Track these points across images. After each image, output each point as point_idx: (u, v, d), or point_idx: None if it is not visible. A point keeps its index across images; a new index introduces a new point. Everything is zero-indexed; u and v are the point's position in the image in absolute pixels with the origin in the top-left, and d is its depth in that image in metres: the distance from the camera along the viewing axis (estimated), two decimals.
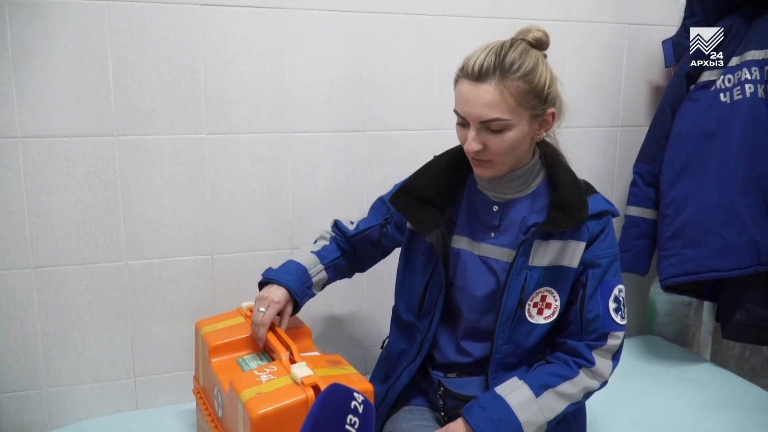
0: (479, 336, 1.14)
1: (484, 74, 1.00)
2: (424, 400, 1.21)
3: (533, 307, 1.09)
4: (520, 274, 1.08)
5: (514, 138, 1.03)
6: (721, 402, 1.47)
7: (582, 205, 1.06)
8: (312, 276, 1.23)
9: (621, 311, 1.11)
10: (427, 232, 1.11)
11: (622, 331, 1.11)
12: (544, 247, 1.08)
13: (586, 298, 1.09)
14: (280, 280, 1.19)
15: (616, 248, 1.13)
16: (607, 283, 1.10)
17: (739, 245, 1.54)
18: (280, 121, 1.47)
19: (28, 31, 1.26)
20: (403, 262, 1.22)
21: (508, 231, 1.12)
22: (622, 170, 1.82)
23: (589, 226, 1.09)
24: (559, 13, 1.67)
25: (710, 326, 1.85)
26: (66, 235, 1.35)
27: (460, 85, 1.04)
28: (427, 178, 1.16)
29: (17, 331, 1.36)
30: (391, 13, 1.51)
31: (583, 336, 1.10)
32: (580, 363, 1.09)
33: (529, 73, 1.01)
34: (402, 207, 1.16)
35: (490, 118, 1.01)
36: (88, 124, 1.33)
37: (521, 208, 1.12)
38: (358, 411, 0.92)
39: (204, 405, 1.22)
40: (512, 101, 1.01)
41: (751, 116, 1.54)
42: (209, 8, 1.37)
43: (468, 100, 1.02)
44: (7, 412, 1.38)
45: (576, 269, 1.09)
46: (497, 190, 1.13)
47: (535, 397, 1.05)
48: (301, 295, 1.20)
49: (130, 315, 1.43)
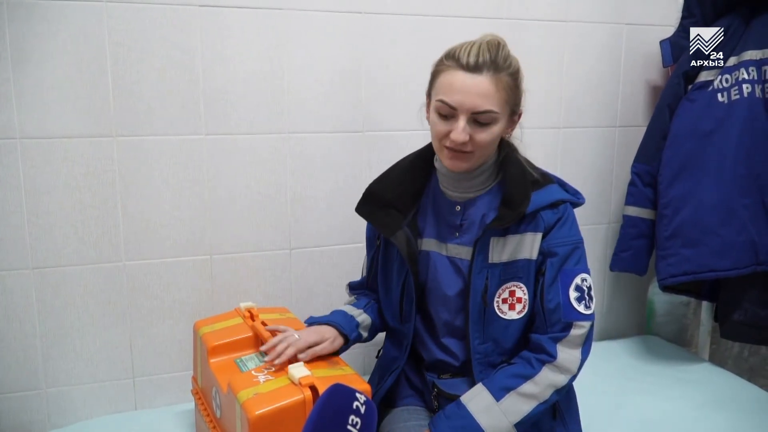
0: (457, 334, 1.16)
1: (481, 66, 1.01)
2: (420, 401, 1.22)
3: (503, 303, 1.09)
4: (481, 273, 1.09)
5: (497, 132, 1.05)
6: (719, 402, 1.47)
7: (524, 198, 1.06)
8: (356, 317, 1.21)
9: (585, 300, 1.08)
10: (391, 233, 1.13)
11: (588, 321, 1.08)
12: (502, 244, 1.08)
13: (546, 288, 1.08)
14: (322, 320, 1.18)
15: (577, 236, 1.11)
16: (566, 271, 1.08)
17: (737, 245, 1.54)
18: (278, 121, 1.47)
19: (27, 32, 1.27)
20: (381, 271, 1.23)
21: (470, 230, 1.13)
22: (621, 170, 1.82)
23: (544, 216, 1.08)
24: (558, 14, 1.67)
25: (709, 326, 1.85)
26: (65, 235, 1.35)
27: (450, 74, 1.03)
28: (387, 183, 1.18)
29: (16, 332, 1.36)
30: (389, 13, 1.51)
31: (548, 328, 1.08)
32: (542, 359, 1.07)
33: (516, 72, 1.06)
34: (366, 213, 1.18)
35: (483, 110, 1.02)
36: (87, 124, 1.33)
37: (481, 207, 1.13)
38: (359, 411, 0.93)
39: (202, 405, 1.22)
40: (503, 95, 1.03)
41: (749, 116, 1.54)
42: (208, 9, 1.37)
43: (463, 89, 1.01)
44: (6, 412, 1.38)
45: (536, 260, 1.09)
46: (460, 189, 1.14)
47: (496, 401, 1.04)
48: (349, 329, 1.17)
49: (129, 315, 1.43)
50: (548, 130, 1.72)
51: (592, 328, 1.10)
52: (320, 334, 1.14)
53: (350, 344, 1.19)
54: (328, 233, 1.56)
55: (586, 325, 1.08)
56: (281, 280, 1.54)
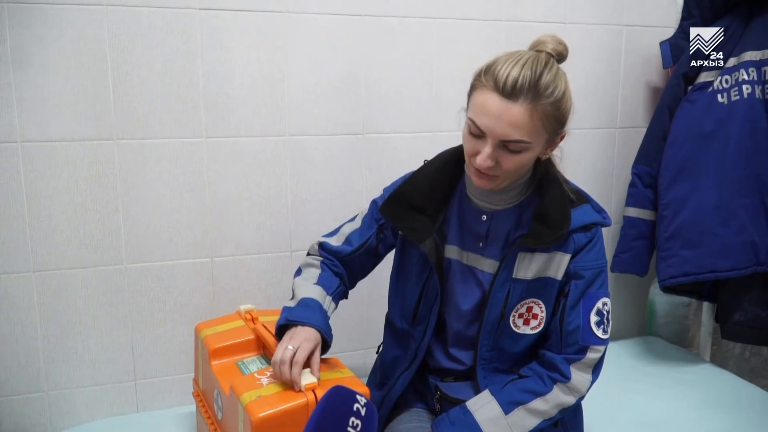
0: (467, 344, 1.14)
1: (518, 92, 0.93)
2: (422, 403, 1.22)
3: (519, 318, 1.08)
4: (503, 287, 1.06)
5: (528, 159, 1.01)
6: (720, 402, 1.47)
7: (564, 219, 1.03)
8: (327, 310, 1.13)
9: (603, 325, 1.07)
10: (420, 241, 1.08)
11: (603, 345, 1.07)
12: (528, 259, 1.06)
13: (567, 310, 1.06)
14: (307, 321, 1.07)
15: (604, 260, 1.10)
16: (590, 295, 1.07)
17: (737, 246, 1.54)
18: (278, 124, 1.47)
19: (28, 36, 1.27)
20: (396, 271, 1.20)
21: (495, 242, 1.10)
22: (621, 171, 1.82)
23: (576, 238, 1.06)
24: (557, 16, 1.67)
25: (709, 327, 1.85)
26: (66, 238, 1.36)
27: (484, 95, 0.96)
28: (417, 185, 1.12)
29: (18, 335, 1.36)
30: (388, 16, 1.51)
31: (563, 348, 1.07)
32: (555, 378, 1.06)
33: (560, 100, 0.97)
34: (392, 216, 1.12)
35: (513, 139, 0.96)
36: (88, 128, 1.34)
37: (509, 220, 1.10)
38: (360, 413, 0.93)
39: (203, 408, 1.22)
40: (539, 125, 0.96)
41: (749, 117, 1.54)
42: (207, 12, 1.38)
43: (494, 115, 0.94)
44: (8, 415, 1.38)
45: (561, 281, 1.07)
46: (488, 201, 1.10)
47: (505, 414, 1.03)
48: (330, 334, 1.10)
49: (130, 318, 1.43)
50: None
51: (605, 353, 1.09)
52: (312, 340, 1.05)
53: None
54: None
55: (601, 349, 1.07)
56: (282, 283, 1.54)
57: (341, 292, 1.21)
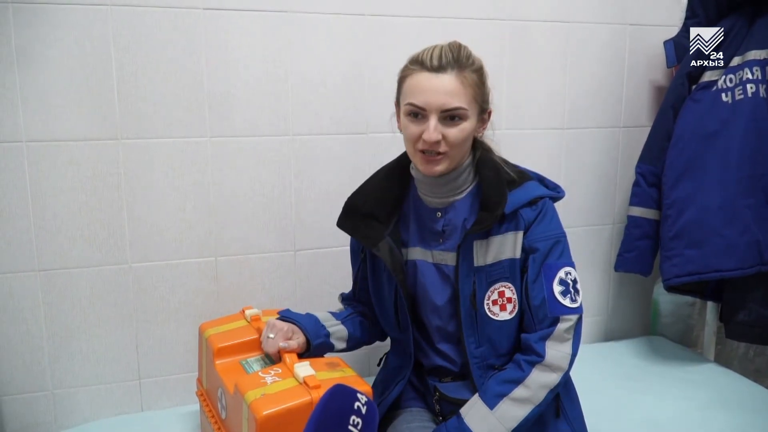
0: (452, 339, 1.16)
1: (444, 65, 1.03)
2: (423, 404, 1.23)
3: (493, 305, 1.09)
4: (468, 277, 1.09)
5: (469, 129, 1.06)
6: (725, 402, 1.47)
7: (500, 200, 1.06)
8: (327, 327, 1.20)
9: (570, 294, 1.08)
10: (373, 245, 1.13)
11: (575, 314, 1.07)
12: (485, 246, 1.08)
13: (529, 284, 1.08)
14: (291, 317, 1.18)
15: (558, 230, 1.11)
16: (549, 265, 1.08)
17: (741, 245, 1.54)
18: (282, 123, 1.47)
19: (33, 36, 1.27)
20: (371, 283, 1.23)
21: (453, 235, 1.13)
22: (625, 171, 1.82)
23: (523, 214, 1.08)
24: (560, 15, 1.67)
25: (714, 326, 1.85)
26: (71, 238, 1.36)
27: (415, 77, 1.06)
28: (366, 194, 1.18)
29: (23, 334, 1.37)
30: (392, 15, 1.52)
31: (536, 326, 1.08)
32: (531, 360, 1.06)
33: (480, 69, 1.08)
34: (347, 227, 1.18)
35: (452, 107, 1.03)
36: (92, 127, 1.34)
37: (461, 211, 1.13)
38: (361, 412, 0.93)
39: (207, 407, 1.22)
40: (470, 92, 1.05)
41: (753, 116, 1.54)
42: (212, 12, 1.38)
43: (430, 89, 1.03)
44: (13, 413, 1.39)
45: (520, 258, 1.09)
46: (438, 195, 1.13)
47: (490, 409, 1.04)
48: (314, 335, 1.16)
49: (135, 317, 1.44)
50: (552, 132, 1.72)
51: (580, 321, 1.09)
52: (292, 330, 1.15)
53: (313, 350, 1.16)
54: (333, 235, 1.55)
55: (572, 318, 1.07)
56: (286, 282, 1.54)
57: (357, 321, 1.27)
